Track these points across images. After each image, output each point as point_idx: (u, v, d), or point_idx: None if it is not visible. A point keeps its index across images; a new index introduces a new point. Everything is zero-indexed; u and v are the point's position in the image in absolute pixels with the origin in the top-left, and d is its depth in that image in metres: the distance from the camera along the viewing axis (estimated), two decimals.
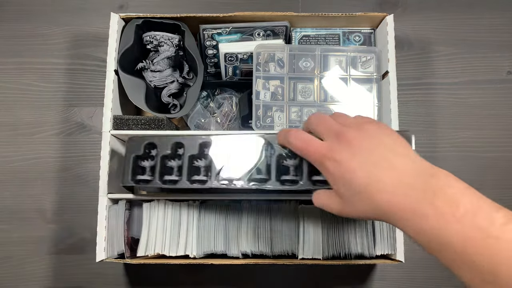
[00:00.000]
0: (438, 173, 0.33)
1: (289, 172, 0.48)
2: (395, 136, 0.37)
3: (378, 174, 0.34)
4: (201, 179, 0.50)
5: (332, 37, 0.67)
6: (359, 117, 0.40)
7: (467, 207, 0.30)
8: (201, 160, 0.51)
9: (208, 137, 0.51)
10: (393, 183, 0.33)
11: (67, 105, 0.75)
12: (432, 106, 0.75)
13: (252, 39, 0.65)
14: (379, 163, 0.34)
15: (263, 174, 0.49)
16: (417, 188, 0.32)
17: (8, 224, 0.71)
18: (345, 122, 0.39)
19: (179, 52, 0.66)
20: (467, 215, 0.30)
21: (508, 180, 0.73)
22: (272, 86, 0.62)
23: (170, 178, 0.52)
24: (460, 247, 0.29)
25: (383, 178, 0.34)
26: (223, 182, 0.49)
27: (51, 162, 0.73)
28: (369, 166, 0.35)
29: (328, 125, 0.39)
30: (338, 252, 0.55)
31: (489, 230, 0.29)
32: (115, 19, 0.61)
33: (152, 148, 0.54)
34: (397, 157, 0.35)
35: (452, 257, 0.30)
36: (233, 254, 0.56)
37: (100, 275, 0.70)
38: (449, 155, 0.73)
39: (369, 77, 0.63)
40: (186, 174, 0.51)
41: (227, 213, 0.57)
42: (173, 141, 0.52)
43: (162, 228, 0.56)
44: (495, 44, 0.77)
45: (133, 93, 0.62)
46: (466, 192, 0.32)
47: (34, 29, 0.77)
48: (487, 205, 0.31)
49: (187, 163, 0.51)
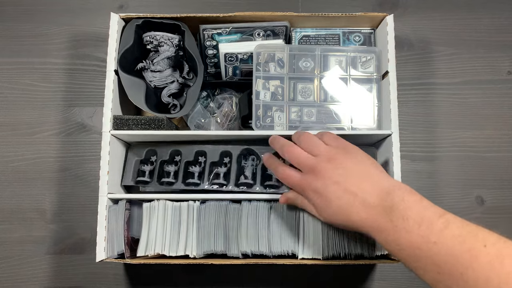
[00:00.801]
0: (394, 191, 0.40)
1: (272, 179, 0.59)
2: (363, 160, 0.46)
3: (350, 198, 0.42)
4: (195, 182, 0.60)
5: (332, 37, 0.67)
6: (329, 146, 0.48)
7: (415, 219, 0.36)
8: (195, 166, 0.60)
9: (204, 145, 0.61)
10: (361, 204, 0.41)
11: (67, 105, 0.75)
12: (432, 106, 0.75)
13: (252, 39, 0.65)
14: (348, 189, 0.42)
15: (250, 180, 0.59)
16: (378, 207, 0.40)
17: (8, 224, 0.71)
18: (318, 151, 0.47)
19: (179, 52, 0.66)
20: (414, 226, 0.36)
21: (508, 180, 0.73)
22: (272, 86, 0.62)
23: (167, 180, 0.60)
24: (412, 254, 0.36)
25: (353, 202, 0.42)
26: (214, 186, 0.59)
27: (51, 162, 0.73)
28: (341, 193, 0.43)
29: (303, 159, 0.47)
30: (338, 252, 0.55)
31: (429, 236, 0.34)
32: (115, 19, 0.61)
33: (152, 154, 0.62)
34: (362, 181, 0.43)
35: (411, 263, 0.36)
36: (233, 254, 0.56)
37: (100, 275, 0.70)
38: (449, 155, 0.73)
39: (369, 77, 0.63)
40: (182, 177, 0.60)
41: (227, 213, 0.57)
42: (172, 149, 0.61)
43: (162, 228, 0.56)
44: (495, 44, 0.77)
45: (133, 93, 0.62)
46: (415, 205, 0.38)
47: (34, 29, 0.77)
48: (431, 214, 0.37)
49: (183, 168, 0.60)
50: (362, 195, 0.41)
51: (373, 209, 0.40)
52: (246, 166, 0.61)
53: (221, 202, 0.57)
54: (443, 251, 0.33)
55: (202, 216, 0.57)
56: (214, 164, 0.61)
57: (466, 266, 0.32)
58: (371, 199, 0.41)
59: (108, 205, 0.57)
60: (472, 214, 0.72)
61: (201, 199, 0.58)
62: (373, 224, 0.40)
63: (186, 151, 0.61)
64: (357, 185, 0.43)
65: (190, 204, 0.57)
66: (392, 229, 0.38)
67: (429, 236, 0.35)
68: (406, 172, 0.72)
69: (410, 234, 0.36)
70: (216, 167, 0.61)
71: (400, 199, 0.39)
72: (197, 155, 0.62)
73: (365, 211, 0.41)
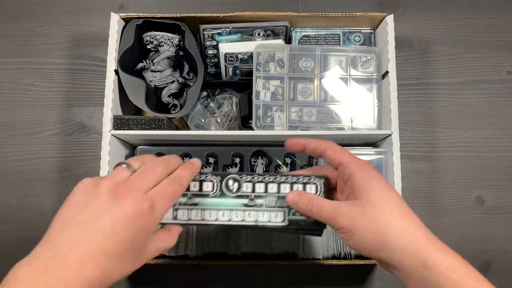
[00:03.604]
0: None
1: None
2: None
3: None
4: None
5: (332, 37, 0.67)
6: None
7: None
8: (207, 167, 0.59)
9: (216, 147, 0.60)
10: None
11: (67, 105, 0.75)
12: (432, 106, 0.75)
13: (252, 39, 0.65)
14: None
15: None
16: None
17: (8, 224, 0.71)
18: None
19: (179, 52, 0.66)
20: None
21: (508, 180, 0.73)
22: (272, 86, 0.62)
23: None
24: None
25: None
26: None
27: (51, 162, 0.73)
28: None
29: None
30: (338, 252, 0.55)
31: (430, 277, 0.31)
32: (115, 19, 0.61)
33: None
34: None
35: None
36: (233, 254, 0.56)
37: None
38: (449, 155, 0.73)
39: (369, 77, 0.63)
40: None
41: None
42: (181, 152, 0.61)
43: None
44: (495, 44, 0.77)
45: (133, 93, 0.62)
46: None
47: (34, 29, 0.77)
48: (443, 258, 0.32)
49: None
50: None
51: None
52: (256, 165, 0.61)
53: None
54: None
55: None
56: (226, 166, 0.63)
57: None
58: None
59: None
60: (472, 214, 0.72)
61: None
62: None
63: (196, 154, 0.62)
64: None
65: None
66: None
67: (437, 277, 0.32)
68: (406, 172, 0.72)
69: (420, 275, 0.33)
70: (227, 167, 0.62)
71: None
72: (207, 158, 0.62)
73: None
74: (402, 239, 0.32)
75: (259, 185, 0.42)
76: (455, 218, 0.72)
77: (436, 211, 0.72)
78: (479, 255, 0.71)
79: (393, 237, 0.32)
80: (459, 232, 0.72)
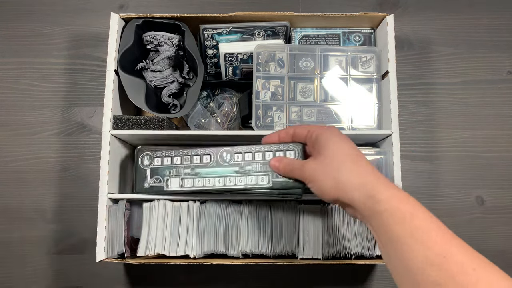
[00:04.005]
0: None
1: None
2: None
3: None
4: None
5: (332, 37, 0.67)
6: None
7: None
8: None
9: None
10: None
11: (67, 105, 0.75)
12: (432, 106, 0.75)
13: (252, 39, 0.65)
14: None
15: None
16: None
17: (8, 224, 0.71)
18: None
19: (179, 52, 0.66)
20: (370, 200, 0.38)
21: (508, 180, 0.73)
22: (272, 86, 0.62)
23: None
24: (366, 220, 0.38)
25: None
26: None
27: (51, 162, 0.73)
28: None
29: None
30: (338, 252, 0.55)
31: (374, 206, 0.36)
32: (115, 19, 0.61)
33: None
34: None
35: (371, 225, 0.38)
36: (233, 254, 0.56)
37: (100, 275, 0.70)
38: (449, 155, 0.74)
39: (369, 77, 0.63)
40: None
41: (227, 213, 0.57)
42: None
43: (162, 228, 0.56)
44: (495, 44, 0.77)
45: (133, 93, 0.62)
46: None
47: (34, 29, 0.77)
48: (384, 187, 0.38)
49: None
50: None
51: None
52: None
53: (221, 202, 0.57)
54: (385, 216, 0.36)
55: (202, 216, 0.57)
56: None
57: None
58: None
59: (108, 205, 0.57)
60: (472, 214, 0.72)
61: (201, 199, 0.58)
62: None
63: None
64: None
65: (190, 204, 0.57)
66: None
67: (374, 206, 0.37)
68: (406, 172, 0.72)
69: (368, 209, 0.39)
70: None
71: None
72: None
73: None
74: (352, 179, 0.38)
75: (247, 155, 0.50)
76: (455, 218, 0.72)
77: (436, 211, 0.72)
78: None
79: (346, 178, 0.38)
80: (459, 232, 0.71)
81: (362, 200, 0.37)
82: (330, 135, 0.42)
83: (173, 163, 0.54)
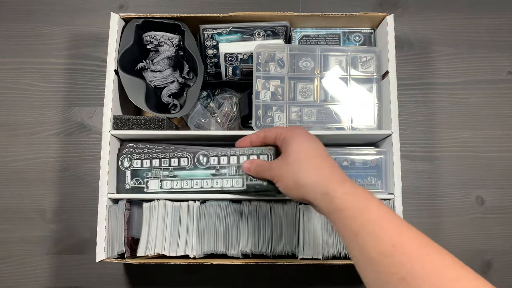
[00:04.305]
0: None
1: None
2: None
3: None
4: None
5: (332, 37, 0.67)
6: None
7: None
8: None
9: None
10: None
11: (67, 105, 0.75)
12: (432, 106, 0.75)
13: (252, 39, 0.65)
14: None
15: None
16: None
17: (8, 224, 0.71)
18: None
19: (179, 52, 0.66)
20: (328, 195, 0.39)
21: (508, 180, 0.73)
22: (272, 86, 0.62)
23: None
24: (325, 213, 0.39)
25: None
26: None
27: (51, 162, 0.73)
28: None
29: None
30: (338, 252, 0.55)
31: (331, 203, 0.38)
32: (115, 19, 0.61)
33: None
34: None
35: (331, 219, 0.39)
36: (233, 254, 0.56)
37: (100, 275, 0.70)
38: (449, 155, 0.74)
39: (369, 77, 0.63)
40: None
41: (227, 213, 0.57)
42: None
43: (162, 228, 0.56)
44: (495, 44, 0.77)
45: (133, 93, 0.62)
46: None
47: (34, 29, 0.77)
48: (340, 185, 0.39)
49: None
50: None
51: None
52: None
53: (221, 202, 0.57)
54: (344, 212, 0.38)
55: (202, 216, 0.57)
56: None
57: None
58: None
59: (108, 205, 0.57)
60: (472, 214, 0.72)
61: (201, 199, 0.58)
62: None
63: None
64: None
65: (190, 204, 0.57)
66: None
67: (334, 201, 0.38)
68: (406, 172, 0.72)
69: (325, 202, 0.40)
70: None
71: None
72: None
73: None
74: (309, 177, 0.40)
75: (223, 158, 0.53)
76: (455, 218, 0.72)
77: (436, 211, 0.72)
78: (479, 255, 0.71)
79: (304, 176, 0.40)
80: (459, 232, 0.72)
81: (319, 197, 0.39)
82: (295, 135, 0.44)
83: (152, 166, 0.55)
